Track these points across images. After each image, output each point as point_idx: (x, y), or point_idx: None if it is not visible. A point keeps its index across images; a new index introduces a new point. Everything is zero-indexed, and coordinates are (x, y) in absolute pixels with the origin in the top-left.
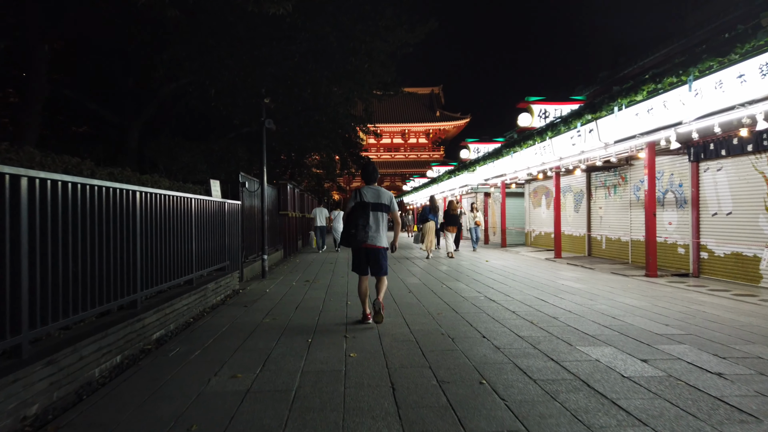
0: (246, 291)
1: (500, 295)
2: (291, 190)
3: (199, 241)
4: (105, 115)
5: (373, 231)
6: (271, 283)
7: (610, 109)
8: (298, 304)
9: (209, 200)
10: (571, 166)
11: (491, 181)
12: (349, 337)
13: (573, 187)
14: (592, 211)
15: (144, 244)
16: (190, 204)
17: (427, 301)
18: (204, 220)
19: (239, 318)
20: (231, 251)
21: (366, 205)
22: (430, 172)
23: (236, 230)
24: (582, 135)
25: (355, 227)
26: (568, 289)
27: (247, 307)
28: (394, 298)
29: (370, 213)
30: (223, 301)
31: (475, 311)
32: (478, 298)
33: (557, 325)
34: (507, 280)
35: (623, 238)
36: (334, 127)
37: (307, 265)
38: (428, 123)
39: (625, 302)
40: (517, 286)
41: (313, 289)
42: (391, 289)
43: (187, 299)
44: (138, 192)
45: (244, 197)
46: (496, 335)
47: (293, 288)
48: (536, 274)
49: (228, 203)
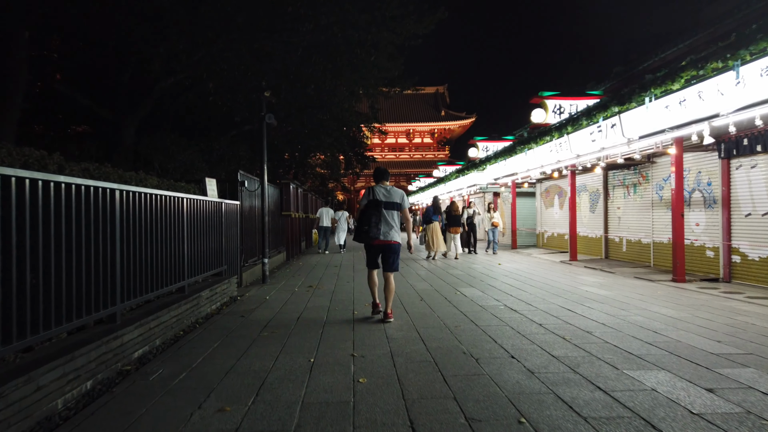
0: (244, 298)
1: (521, 304)
2: (294, 190)
3: (193, 244)
4: (99, 112)
5: (385, 228)
6: (272, 289)
7: (641, 99)
8: (300, 313)
9: (204, 200)
10: (589, 164)
11: (502, 180)
12: (357, 356)
13: (588, 186)
14: (610, 212)
15: (125, 250)
16: (181, 204)
17: (442, 311)
18: (198, 221)
19: (234, 331)
20: (229, 255)
21: (378, 203)
22: (436, 172)
23: (235, 232)
24: (603, 130)
25: (368, 224)
26: (593, 297)
27: (245, 317)
28: (405, 307)
29: (382, 211)
30: (219, 310)
31: (497, 324)
32: (498, 308)
33: (594, 342)
34: (525, 285)
35: (644, 240)
36: (339, 126)
37: (310, 269)
38: (433, 122)
39: (661, 312)
40: (537, 293)
41: (317, 296)
42: (400, 296)
43: (176, 310)
44: (117, 191)
45: (244, 197)
46: (527, 354)
47: (295, 295)
48: (555, 279)
49: (225, 203)
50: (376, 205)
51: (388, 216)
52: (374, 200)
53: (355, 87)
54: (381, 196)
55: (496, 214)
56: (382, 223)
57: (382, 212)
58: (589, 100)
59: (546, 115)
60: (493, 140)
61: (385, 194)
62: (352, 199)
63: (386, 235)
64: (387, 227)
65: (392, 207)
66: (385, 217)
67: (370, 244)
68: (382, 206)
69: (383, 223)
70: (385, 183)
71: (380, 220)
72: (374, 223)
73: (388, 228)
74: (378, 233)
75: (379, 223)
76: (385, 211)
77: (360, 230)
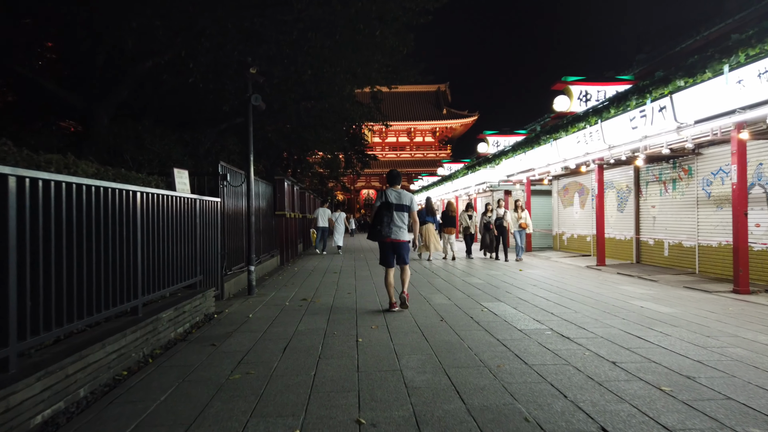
0: (223, 316)
1: (571, 327)
2: (289, 188)
3: (151, 252)
4: (66, 97)
5: (396, 227)
6: (258, 303)
7: (717, 69)
8: (288, 341)
9: (170, 196)
10: (624, 157)
11: (516, 177)
12: (366, 424)
13: (616, 183)
14: (642, 211)
15: (28, 264)
16: (132, 200)
17: (472, 339)
18: (160, 222)
19: (196, 370)
20: (206, 262)
21: (390, 205)
22: (441, 170)
23: (214, 235)
24: (648, 115)
25: (380, 224)
26: (656, 316)
27: (216, 346)
28: (422, 332)
29: (393, 212)
30: (187, 335)
31: (554, 361)
32: (543, 333)
33: (710, 398)
34: (563, 299)
35: (686, 243)
36: (338, 118)
37: (306, 275)
38: (435, 121)
39: (761, 341)
40: (584, 311)
41: (311, 314)
42: (415, 315)
43: (118, 341)
44: (12, 177)
45: (226, 194)
46: (624, 425)
47: (285, 312)
48: (592, 289)
49: (202, 201)
50: (388, 207)
51: (398, 217)
52: (386, 202)
53: (358, 69)
54: (393, 198)
55: (524, 214)
56: (393, 223)
57: (393, 213)
58: (619, 85)
59: (570, 102)
60: (504, 135)
61: (397, 197)
62: (352, 200)
63: (397, 234)
64: (397, 227)
65: (402, 209)
66: (395, 218)
67: (383, 241)
68: (393, 208)
69: (394, 224)
70: (397, 187)
71: (391, 221)
72: (386, 223)
73: (398, 228)
74: (390, 232)
75: (390, 223)
76: (396, 213)
77: (374, 229)
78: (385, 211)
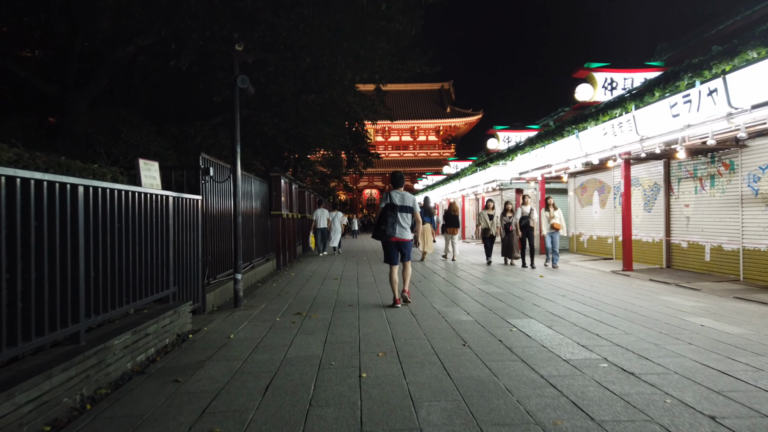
0: (199, 337)
1: (630, 356)
2: (286, 186)
3: (101, 261)
4: (39, 86)
5: (399, 227)
6: (244, 319)
7: None
8: (273, 375)
9: (131, 192)
10: (659, 150)
11: (529, 174)
12: None
13: (642, 179)
14: (673, 210)
15: None
16: (71, 197)
17: (509, 375)
18: (118, 224)
19: (143, 425)
20: (182, 271)
21: (394, 207)
22: (447, 168)
23: (194, 239)
24: (693, 101)
25: (385, 224)
26: (726, 339)
27: (180, 382)
28: (442, 361)
29: (397, 213)
30: (148, 364)
31: (630, 416)
32: (598, 366)
33: None
34: (602, 314)
35: (727, 246)
36: (340, 113)
37: (303, 282)
38: (438, 120)
39: None
40: (634, 331)
41: (305, 334)
42: (431, 337)
43: (38, 387)
44: None
45: (209, 191)
46: None
47: (274, 330)
48: (632, 301)
49: (177, 199)
50: (392, 208)
51: (401, 217)
52: (390, 204)
53: (361, 51)
54: (396, 200)
55: (558, 213)
56: (396, 224)
57: (397, 214)
58: (648, 72)
59: (594, 91)
60: (515, 130)
61: (400, 199)
62: (354, 199)
63: (401, 233)
64: (401, 227)
65: (405, 210)
66: (399, 219)
67: (388, 240)
68: (397, 209)
69: (398, 224)
70: (400, 189)
71: (395, 221)
72: (390, 224)
73: (401, 227)
74: (394, 231)
75: (394, 224)
76: (399, 214)
77: (379, 229)
78: (390, 211)
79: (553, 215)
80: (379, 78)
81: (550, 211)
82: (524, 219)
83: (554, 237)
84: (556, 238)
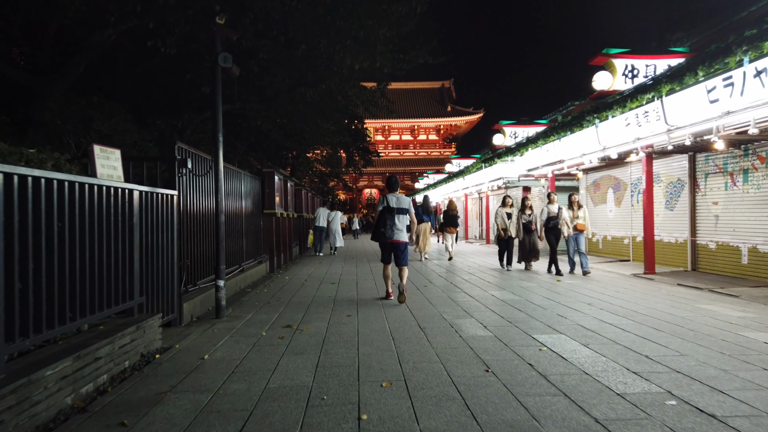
0: (167, 358)
1: (701, 390)
2: (281, 183)
3: (31, 270)
4: (10, 74)
5: (396, 229)
6: (225, 333)
7: None
8: (248, 417)
9: (80, 184)
10: (689, 140)
11: (539, 170)
12: None
13: (663, 175)
14: (700, 209)
15: None
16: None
17: (552, 417)
18: (59, 222)
19: None
20: (152, 278)
21: (391, 209)
22: (449, 166)
23: (167, 240)
24: (735, 83)
25: (383, 227)
26: None
27: (128, 426)
28: (463, 396)
29: (394, 215)
30: (96, 396)
31: None
32: (664, 405)
33: None
34: (642, 328)
35: (763, 248)
36: (338, 107)
37: (297, 288)
38: (439, 118)
39: None
40: (688, 350)
41: (294, 354)
42: (444, 359)
43: None
44: None
45: (186, 185)
46: None
47: (258, 348)
48: (670, 311)
49: (145, 194)
50: (389, 211)
51: (398, 219)
52: (387, 207)
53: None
54: (393, 203)
55: (582, 212)
56: (394, 226)
57: (394, 216)
58: (672, 58)
59: (614, 79)
60: (523, 125)
61: (396, 202)
62: (354, 199)
63: (398, 235)
64: (398, 229)
65: (401, 212)
66: (396, 221)
67: (385, 242)
68: (394, 211)
69: (395, 226)
70: (396, 192)
71: (393, 223)
72: (388, 226)
73: (398, 230)
74: (392, 234)
75: (392, 226)
76: (396, 216)
77: (377, 231)
78: (387, 214)
79: (577, 215)
80: (380, 66)
81: (574, 210)
82: (552, 220)
83: (579, 239)
84: (581, 240)
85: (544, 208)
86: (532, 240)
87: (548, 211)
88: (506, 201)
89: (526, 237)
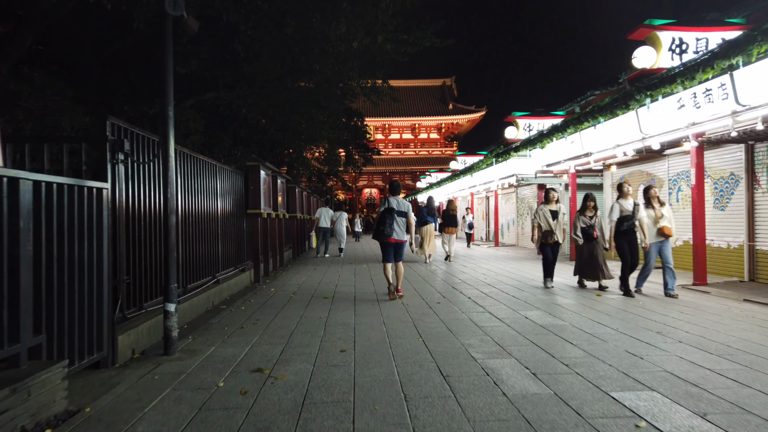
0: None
1: None
2: (269, 179)
3: None
4: None
5: (396, 229)
6: (166, 384)
7: None
8: None
9: None
10: (761, 125)
11: (560, 166)
12: None
13: (711, 170)
14: (759, 208)
15: None
16: None
17: None
18: None
19: None
20: (62, 305)
21: (392, 211)
22: (454, 163)
23: (93, 250)
24: None
25: (383, 226)
26: None
27: None
28: None
29: (395, 216)
30: None
31: None
32: None
33: None
34: (760, 376)
35: None
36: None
37: (281, 306)
38: (440, 117)
39: None
40: None
41: (257, 430)
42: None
43: None
44: None
45: (122, 175)
46: None
47: (204, 415)
48: (757, 341)
49: (44, 185)
50: (390, 212)
51: (398, 221)
52: (388, 208)
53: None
54: (394, 205)
55: (665, 211)
56: (394, 226)
57: (395, 217)
58: (729, 30)
59: (658, 55)
60: (538, 116)
61: (397, 204)
62: (353, 199)
63: (398, 234)
64: (398, 229)
65: (401, 215)
66: (396, 222)
67: (386, 241)
68: (394, 213)
69: (395, 225)
70: (398, 196)
71: (393, 223)
72: (389, 225)
73: (398, 230)
74: (392, 233)
75: (392, 225)
76: (396, 217)
77: (378, 230)
78: (388, 215)
79: (661, 214)
80: (382, 42)
81: (656, 209)
82: (626, 221)
83: (664, 249)
84: (667, 249)
85: (614, 205)
86: (596, 253)
87: (621, 209)
88: (551, 196)
89: (587, 245)
